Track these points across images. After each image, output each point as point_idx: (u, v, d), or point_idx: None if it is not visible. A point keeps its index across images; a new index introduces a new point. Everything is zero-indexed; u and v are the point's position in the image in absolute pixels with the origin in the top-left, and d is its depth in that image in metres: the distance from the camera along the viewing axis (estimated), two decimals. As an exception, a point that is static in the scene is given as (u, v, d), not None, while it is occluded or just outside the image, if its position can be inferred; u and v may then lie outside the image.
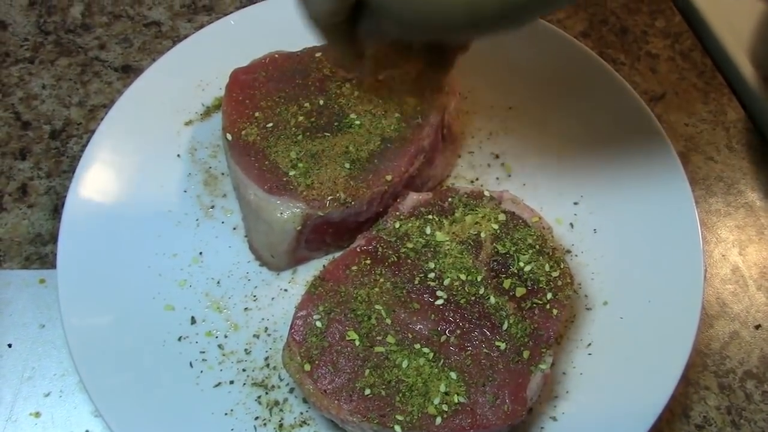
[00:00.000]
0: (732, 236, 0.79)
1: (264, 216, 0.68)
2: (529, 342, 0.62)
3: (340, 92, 0.74)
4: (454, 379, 0.60)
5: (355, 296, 0.64)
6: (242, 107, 0.73)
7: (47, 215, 0.77)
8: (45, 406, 0.67)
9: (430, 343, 0.62)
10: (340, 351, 0.61)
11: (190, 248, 0.73)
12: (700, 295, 0.68)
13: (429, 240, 0.66)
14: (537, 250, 0.66)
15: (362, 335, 0.62)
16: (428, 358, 0.61)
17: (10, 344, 0.70)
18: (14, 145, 0.81)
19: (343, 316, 0.63)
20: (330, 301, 0.63)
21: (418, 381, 0.60)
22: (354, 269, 0.65)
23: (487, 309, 0.63)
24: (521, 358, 0.62)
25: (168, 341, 0.68)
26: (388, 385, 0.60)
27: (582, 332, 0.70)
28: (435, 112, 0.72)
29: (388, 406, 0.59)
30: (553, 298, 0.64)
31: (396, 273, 0.65)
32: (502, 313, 0.63)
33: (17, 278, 0.73)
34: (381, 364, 0.61)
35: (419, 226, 0.67)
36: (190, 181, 0.76)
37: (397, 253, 0.66)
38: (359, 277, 0.65)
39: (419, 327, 0.63)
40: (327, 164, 0.69)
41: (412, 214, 0.68)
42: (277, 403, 0.66)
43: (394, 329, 0.63)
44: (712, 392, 0.71)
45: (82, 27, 0.89)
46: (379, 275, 0.65)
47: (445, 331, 0.63)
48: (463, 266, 0.65)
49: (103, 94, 0.85)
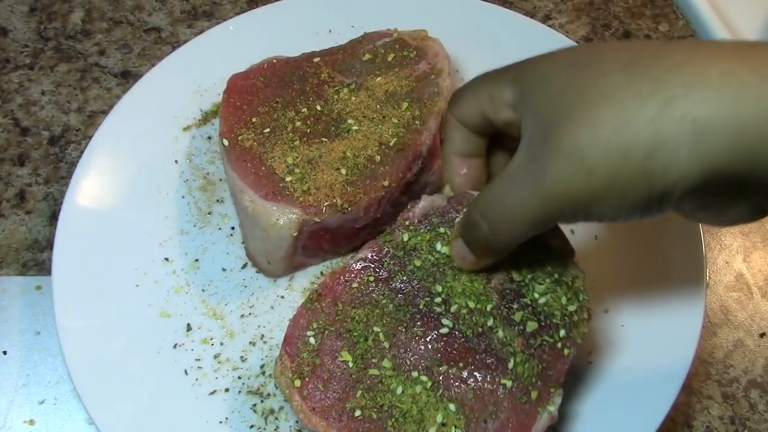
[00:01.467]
0: (736, 243, 0.78)
1: (260, 222, 0.67)
2: (537, 382, 0.58)
3: (338, 98, 0.73)
4: (452, 411, 0.57)
5: (353, 316, 0.61)
6: (240, 113, 0.72)
7: (45, 221, 0.77)
8: (39, 414, 0.67)
9: (429, 372, 0.59)
10: (332, 370, 0.59)
11: (186, 254, 0.72)
12: (702, 303, 0.67)
13: (439, 258, 0.62)
14: (555, 279, 0.60)
15: (356, 357, 0.59)
16: (426, 387, 0.58)
17: (5, 351, 0.69)
18: (13, 151, 0.81)
19: (338, 336, 0.60)
20: (325, 318, 0.61)
21: (413, 408, 0.57)
22: (354, 287, 0.62)
23: (494, 343, 0.59)
24: (529, 398, 0.58)
25: (163, 348, 0.68)
26: (381, 409, 0.58)
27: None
28: (433, 118, 0.72)
29: (380, 429, 0.57)
30: (567, 335, 0.59)
31: (400, 294, 0.62)
32: (509, 349, 0.59)
33: (13, 285, 0.73)
34: (374, 387, 0.58)
35: (429, 240, 0.63)
36: (188, 187, 0.76)
37: (404, 270, 0.62)
38: (359, 296, 0.62)
39: (419, 354, 0.59)
40: (324, 170, 0.69)
41: (423, 222, 0.64)
42: (272, 412, 0.65)
43: (391, 353, 0.59)
44: (715, 402, 0.70)
45: (82, 33, 0.89)
46: (382, 295, 0.61)
47: (446, 361, 0.59)
48: (473, 292, 0.60)
49: (103, 100, 0.84)
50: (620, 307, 0.70)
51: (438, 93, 0.73)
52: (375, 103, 0.73)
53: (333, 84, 0.74)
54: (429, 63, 0.75)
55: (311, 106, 0.73)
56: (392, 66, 0.75)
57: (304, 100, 0.73)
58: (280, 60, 0.76)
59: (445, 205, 0.64)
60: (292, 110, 0.73)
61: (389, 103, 0.73)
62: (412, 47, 0.76)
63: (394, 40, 0.77)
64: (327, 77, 0.75)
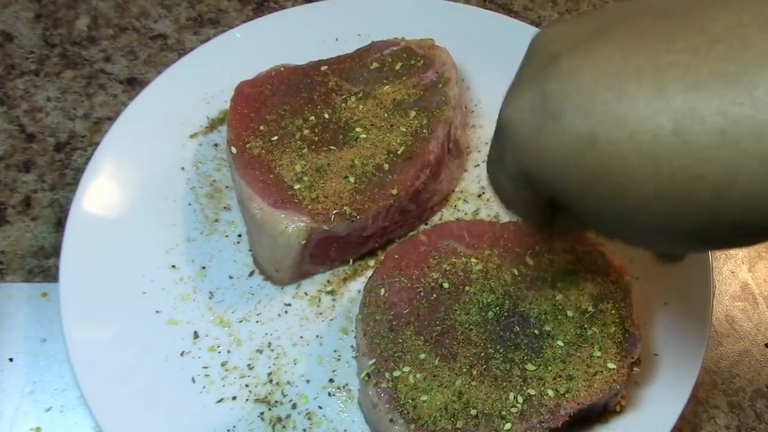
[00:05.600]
0: (741, 253, 0.78)
1: (268, 230, 0.67)
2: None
3: (346, 106, 0.73)
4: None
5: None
6: (247, 120, 0.73)
7: (50, 228, 0.77)
8: (46, 421, 0.66)
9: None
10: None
11: (193, 262, 0.72)
12: (709, 313, 0.68)
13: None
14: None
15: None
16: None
17: (11, 358, 0.69)
18: (18, 157, 0.81)
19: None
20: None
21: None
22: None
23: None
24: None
25: (170, 356, 0.67)
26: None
27: (589, 349, 0.69)
28: (441, 127, 0.72)
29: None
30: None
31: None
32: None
33: (19, 291, 0.72)
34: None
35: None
36: (195, 194, 0.76)
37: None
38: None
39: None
40: (332, 178, 0.69)
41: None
42: (279, 420, 0.65)
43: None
44: (721, 411, 0.70)
45: (88, 39, 0.89)
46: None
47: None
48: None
49: (108, 106, 0.84)
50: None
51: (445, 102, 0.73)
52: (383, 111, 0.73)
53: (340, 92, 0.74)
54: (436, 72, 0.75)
55: (319, 114, 0.73)
56: (400, 75, 0.75)
57: (311, 108, 0.73)
58: (287, 68, 0.76)
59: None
60: (299, 118, 0.73)
61: (397, 111, 0.73)
62: (420, 56, 0.76)
63: (401, 49, 0.77)
64: (334, 85, 0.75)
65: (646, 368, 0.66)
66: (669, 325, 0.68)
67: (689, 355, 0.66)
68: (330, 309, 0.71)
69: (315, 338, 0.69)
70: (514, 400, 0.59)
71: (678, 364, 0.66)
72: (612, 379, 0.60)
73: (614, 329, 0.62)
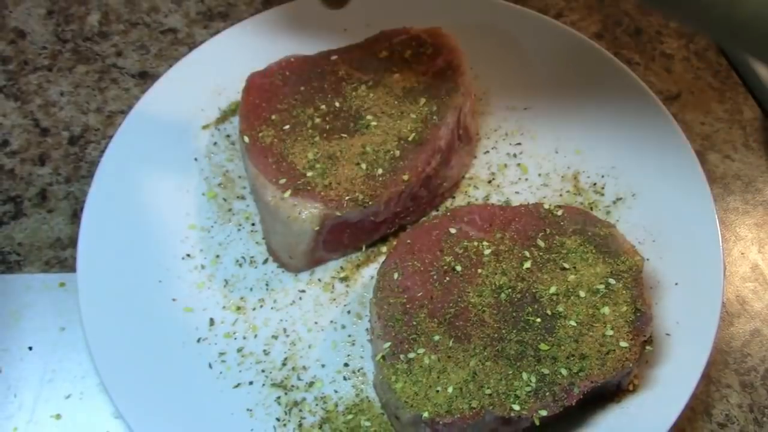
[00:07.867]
0: (751, 234, 0.79)
1: (282, 217, 0.68)
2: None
3: (356, 94, 0.74)
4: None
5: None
6: (259, 110, 0.73)
7: (66, 220, 0.77)
8: (66, 408, 0.67)
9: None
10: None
11: (208, 250, 0.73)
12: (720, 293, 0.68)
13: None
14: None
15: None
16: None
17: (30, 347, 0.70)
18: (33, 151, 0.82)
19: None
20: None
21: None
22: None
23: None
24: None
25: (187, 343, 0.68)
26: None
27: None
28: (451, 113, 0.72)
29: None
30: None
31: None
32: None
33: (37, 282, 0.73)
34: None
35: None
36: (208, 185, 0.77)
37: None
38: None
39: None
40: (344, 165, 0.70)
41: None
42: (296, 404, 0.66)
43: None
44: (734, 390, 0.70)
45: (100, 35, 0.90)
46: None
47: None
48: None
49: (121, 100, 0.85)
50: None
51: (455, 89, 0.74)
52: (393, 99, 0.74)
53: (351, 81, 0.75)
54: (445, 59, 0.76)
55: (330, 103, 0.74)
56: (409, 62, 0.76)
57: (322, 97, 0.74)
58: (297, 58, 0.77)
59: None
60: (310, 107, 0.73)
61: (407, 98, 0.74)
62: (429, 44, 0.77)
63: (410, 37, 0.78)
64: (344, 74, 0.76)
65: (659, 348, 0.67)
66: (680, 305, 0.69)
67: (701, 334, 0.67)
68: (344, 295, 0.72)
69: (329, 324, 0.70)
70: (528, 380, 0.60)
71: (690, 344, 0.67)
72: (624, 358, 0.61)
73: (626, 308, 0.63)
